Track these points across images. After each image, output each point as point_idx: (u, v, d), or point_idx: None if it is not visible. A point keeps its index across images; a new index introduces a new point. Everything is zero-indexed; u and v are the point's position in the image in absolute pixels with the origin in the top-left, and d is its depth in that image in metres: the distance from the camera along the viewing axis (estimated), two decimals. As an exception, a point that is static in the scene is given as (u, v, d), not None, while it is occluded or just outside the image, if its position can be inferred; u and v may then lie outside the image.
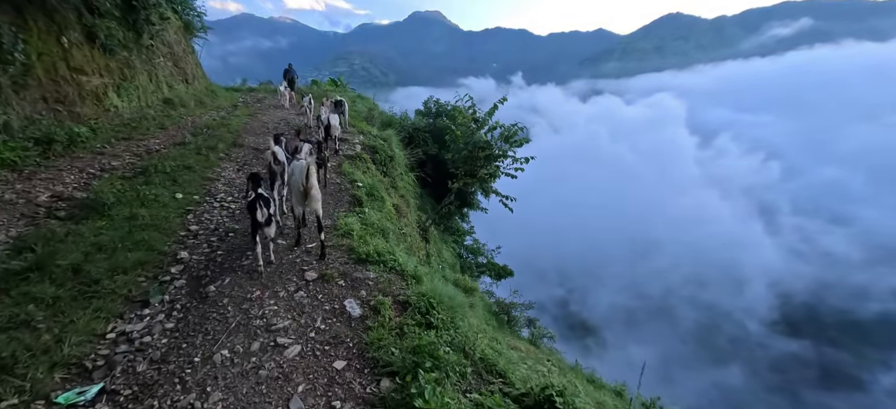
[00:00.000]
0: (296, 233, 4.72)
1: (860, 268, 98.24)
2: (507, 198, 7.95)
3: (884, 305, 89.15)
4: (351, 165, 7.36)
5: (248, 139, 8.90)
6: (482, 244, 16.15)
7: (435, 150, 14.06)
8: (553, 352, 9.79)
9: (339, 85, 20.52)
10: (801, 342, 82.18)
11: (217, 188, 5.93)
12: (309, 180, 3.93)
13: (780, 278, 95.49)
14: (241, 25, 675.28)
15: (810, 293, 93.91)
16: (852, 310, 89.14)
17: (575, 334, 71.24)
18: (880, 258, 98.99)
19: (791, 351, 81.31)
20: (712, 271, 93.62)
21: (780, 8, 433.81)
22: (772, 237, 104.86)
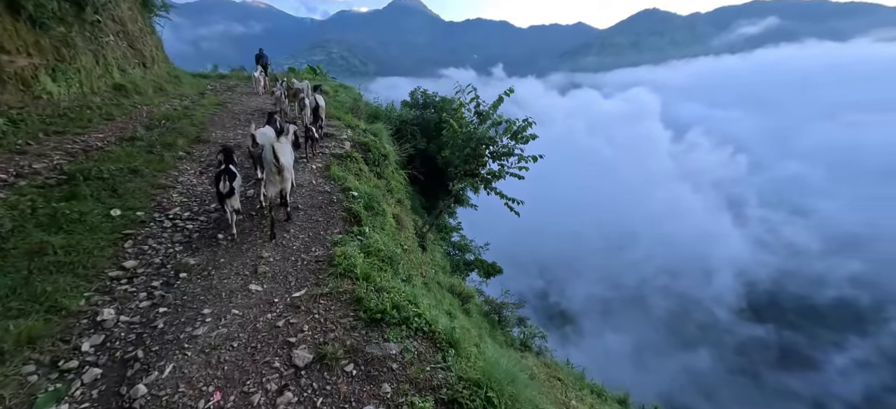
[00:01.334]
0: (270, 220, 4.34)
1: (818, 257, 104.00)
2: (513, 201, 7.17)
3: (839, 291, 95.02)
4: (341, 167, 6.27)
5: (214, 133, 7.63)
6: (469, 241, 15.55)
7: (423, 144, 13.17)
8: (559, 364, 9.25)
9: (319, 73, 19.11)
10: (764, 326, 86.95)
11: (171, 200, 4.63)
12: (278, 160, 4.02)
13: (747, 267, 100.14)
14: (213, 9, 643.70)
15: (773, 282, 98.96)
16: (810, 296, 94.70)
17: (554, 324, 72.57)
18: (836, 248, 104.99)
19: (754, 336, 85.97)
20: (684, 262, 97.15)
21: (750, 7, 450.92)
22: (739, 229, 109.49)
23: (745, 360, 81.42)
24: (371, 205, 5.20)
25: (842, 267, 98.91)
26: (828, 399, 73.09)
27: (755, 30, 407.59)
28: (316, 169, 6.18)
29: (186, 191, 4.95)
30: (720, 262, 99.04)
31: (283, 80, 11.21)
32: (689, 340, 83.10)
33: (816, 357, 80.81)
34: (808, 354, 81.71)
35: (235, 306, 3.02)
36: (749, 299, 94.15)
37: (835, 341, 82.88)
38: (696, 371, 78.23)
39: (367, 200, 5.20)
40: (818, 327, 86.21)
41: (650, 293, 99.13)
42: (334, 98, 12.53)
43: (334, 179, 5.74)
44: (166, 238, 3.84)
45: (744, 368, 79.92)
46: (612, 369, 73.33)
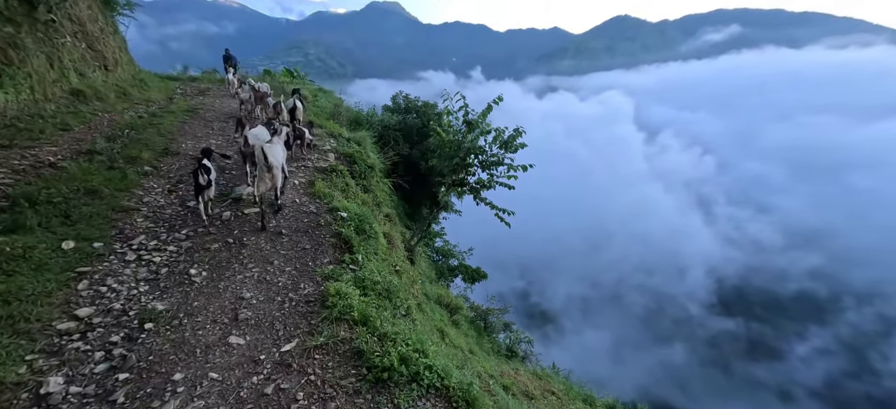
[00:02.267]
0: (260, 212, 4.73)
1: (781, 252, 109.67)
2: (503, 211, 6.95)
3: (800, 284, 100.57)
4: (326, 183, 5.83)
5: (185, 144, 6.98)
6: (453, 246, 15.31)
7: (407, 150, 12.83)
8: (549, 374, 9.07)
9: (296, 76, 18.38)
10: (733, 320, 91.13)
11: (135, 226, 4.01)
12: (267, 159, 4.43)
13: (716, 264, 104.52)
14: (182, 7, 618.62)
15: (740, 277, 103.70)
16: (774, 290, 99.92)
17: (535, 324, 73.43)
18: (797, 243, 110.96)
19: (725, 329, 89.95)
20: (659, 260, 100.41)
21: (714, 15, 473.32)
22: (709, 227, 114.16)
23: (716, 352, 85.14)
24: (362, 227, 4.74)
25: (802, 261, 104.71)
26: (792, 387, 77.22)
27: (719, 37, 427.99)
28: (299, 185, 5.69)
29: (153, 214, 4.36)
30: (692, 259, 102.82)
31: (250, 81, 10.68)
32: (664, 334, 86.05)
33: (781, 347, 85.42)
34: (773, 345, 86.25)
35: (213, 366, 2.52)
36: (719, 294, 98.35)
37: (797, 331, 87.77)
38: (671, 365, 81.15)
39: (357, 222, 4.76)
40: (782, 319, 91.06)
41: (627, 291, 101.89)
42: (314, 103, 11.97)
43: (320, 197, 5.30)
44: (129, 276, 3.23)
45: (715, 360, 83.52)
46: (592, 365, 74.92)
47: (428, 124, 14.02)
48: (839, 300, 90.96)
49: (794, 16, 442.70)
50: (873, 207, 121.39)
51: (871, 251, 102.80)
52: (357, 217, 4.84)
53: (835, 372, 76.86)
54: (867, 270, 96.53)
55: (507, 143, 6.82)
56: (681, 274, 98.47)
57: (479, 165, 7.17)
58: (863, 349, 79.72)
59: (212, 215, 4.57)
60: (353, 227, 4.64)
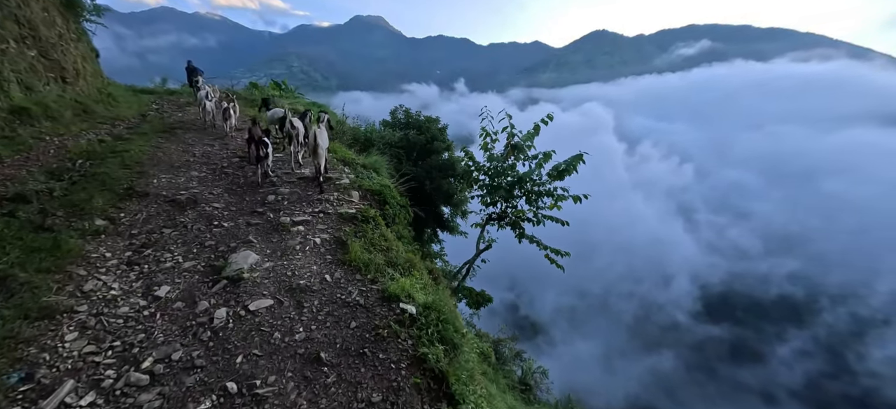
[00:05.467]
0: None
1: (761, 258, 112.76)
2: (556, 252, 5.87)
3: (780, 288, 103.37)
4: (361, 240, 4.22)
5: (158, 179, 5.48)
6: (454, 267, 14.15)
7: (410, 168, 11.70)
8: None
9: (285, 89, 17.10)
10: (717, 326, 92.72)
11: (62, 343, 2.48)
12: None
13: (700, 271, 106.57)
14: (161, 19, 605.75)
15: (723, 283, 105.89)
16: (756, 294, 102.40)
17: (526, 335, 72.75)
18: (776, 249, 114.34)
19: (710, 334, 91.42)
20: (644, 268, 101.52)
21: (686, 30, 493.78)
22: (690, 234, 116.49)
23: (702, 357, 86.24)
24: (447, 335, 3.01)
25: (781, 266, 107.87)
26: (774, 389, 78.64)
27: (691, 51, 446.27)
28: (323, 245, 4.10)
29: (98, 320, 2.69)
30: (677, 267, 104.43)
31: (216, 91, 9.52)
32: (651, 342, 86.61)
33: (763, 350, 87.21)
34: (755, 348, 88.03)
35: None
36: (704, 301, 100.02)
37: (778, 333, 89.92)
38: (660, 371, 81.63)
39: (439, 328, 3.00)
40: (763, 323, 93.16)
41: (615, 300, 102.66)
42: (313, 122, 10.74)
43: (360, 270, 3.68)
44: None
45: (701, 365, 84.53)
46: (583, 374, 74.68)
47: (432, 141, 12.91)
48: (816, 302, 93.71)
49: (761, 31, 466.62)
50: (843, 210, 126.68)
51: (843, 253, 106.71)
52: (436, 316, 3.08)
53: (814, 373, 78.63)
54: (840, 271, 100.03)
55: (562, 172, 5.77)
56: (666, 282, 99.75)
57: (523, 197, 6.11)
58: (839, 349, 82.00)
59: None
60: (434, 334, 2.93)
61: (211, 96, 10.02)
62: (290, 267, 3.60)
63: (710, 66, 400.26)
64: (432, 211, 13.26)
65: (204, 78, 11.94)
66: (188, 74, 12.51)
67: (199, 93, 10.18)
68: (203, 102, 9.63)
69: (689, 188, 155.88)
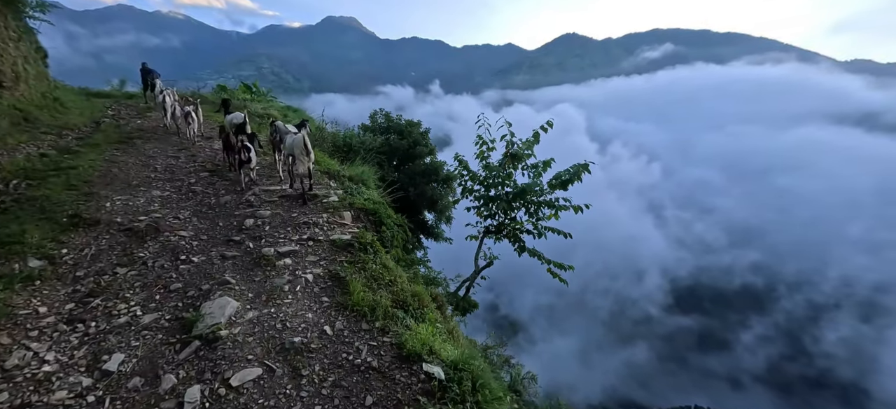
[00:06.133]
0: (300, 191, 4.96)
1: (724, 250, 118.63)
2: (560, 266, 5.51)
3: (743, 278, 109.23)
4: (360, 275, 3.56)
5: (112, 202, 4.72)
6: (438, 273, 13.67)
7: (392, 175, 11.19)
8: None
9: (256, 91, 15.99)
10: (687, 317, 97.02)
11: None
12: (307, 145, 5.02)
13: (669, 265, 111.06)
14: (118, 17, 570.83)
15: (692, 276, 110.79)
16: (720, 285, 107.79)
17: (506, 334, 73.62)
18: (738, 241, 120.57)
19: (680, 325, 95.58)
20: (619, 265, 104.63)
21: (650, 34, 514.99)
22: (660, 230, 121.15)
23: (673, 348, 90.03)
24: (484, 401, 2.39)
25: (743, 257, 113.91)
26: (739, 374, 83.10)
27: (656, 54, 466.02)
28: (317, 283, 3.45)
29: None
30: (648, 262, 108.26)
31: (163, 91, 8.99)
32: (626, 335, 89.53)
33: (728, 338, 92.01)
34: (722, 336, 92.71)
35: None
36: (674, 294, 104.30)
37: (741, 321, 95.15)
38: (634, 364, 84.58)
39: (476, 398, 2.38)
40: (728, 312, 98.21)
41: (591, 297, 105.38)
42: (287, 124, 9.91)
43: (364, 314, 3.04)
44: None
45: (672, 355, 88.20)
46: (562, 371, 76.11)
47: (414, 146, 12.42)
48: (774, 290, 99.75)
49: (719, 35, 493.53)
50: (796, 204, 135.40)
51: (797, 244, 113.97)
52: (470, 379, 2.48)
53: (775, 357, 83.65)
54: (795, 261, 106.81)
55: (566, 183, 5.38)
56: (639, 277, 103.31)
57: (523, 208, 5.67)
58: (797, 334, 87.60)
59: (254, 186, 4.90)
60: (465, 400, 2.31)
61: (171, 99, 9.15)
62: (279, 316, 2.92)
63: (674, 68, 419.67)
64: (416, 217, 12.72)
65: (162, 81, 10.91)
66: (143, 76, 11.41)
67: (161, 96, 9.28)
68: (165, 102, 8.81)
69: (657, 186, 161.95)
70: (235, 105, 10.68)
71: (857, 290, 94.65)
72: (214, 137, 8.36)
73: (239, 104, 12.21)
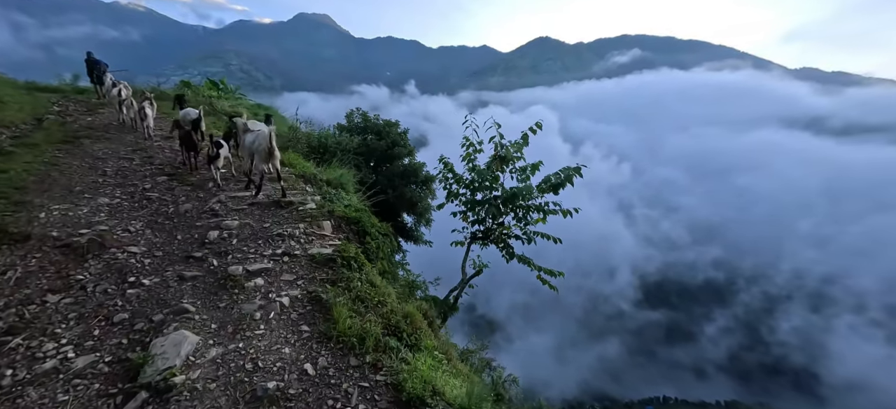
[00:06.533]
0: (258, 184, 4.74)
1: (689, 247, 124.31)
2: (550, 273, 5.30)
3: (706, 273, 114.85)
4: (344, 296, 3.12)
5: (48, 212, 4.09)
6: (417, 276, 13.36)
7: (370, 176, 10.83)
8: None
9: (223, 88, 14.97)
10: (655, 311, 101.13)
11: None
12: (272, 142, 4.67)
13: (638, 262, 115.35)
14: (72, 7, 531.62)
15: (659, 272, 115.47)
16: (685, 280, 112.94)
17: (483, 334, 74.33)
18: (701, 238, 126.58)
19: (649, 320, 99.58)
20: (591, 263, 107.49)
21: (619, 40, 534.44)
22: (630, 228, 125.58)
23: (643, 341, 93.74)
24: None
25: (706, 254, 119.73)
26: (704, 364, 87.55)
27: (625, 59, 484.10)
28: (293, 307, 2.99)
29: None
30: (619, 259, 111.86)
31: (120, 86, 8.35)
32: (599, 331, 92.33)
33: (693, 330, 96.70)
34: (687, 329, 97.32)
35: None
36: (643, 290, 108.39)
37: (705, 314, 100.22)
38: (607, 358, 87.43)
39: None
40: (693, 305, 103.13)
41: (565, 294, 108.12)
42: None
43: (352, 345, 2.61)
44: None
45: (642, 349, 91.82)
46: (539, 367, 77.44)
47: (393, 146, 12.06)
48: (734, 284, 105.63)
49: (682, 42, 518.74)
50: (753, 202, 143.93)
51: (754, 240, 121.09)
52: None
53: (735, 347, 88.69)
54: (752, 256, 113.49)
55: (556, 186, 5.15)
56: (611, 274, 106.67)
57: (511, 213, 5.41)
58: (754, 324, 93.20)
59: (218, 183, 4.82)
60: None
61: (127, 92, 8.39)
62: (249, 353, 2.44)
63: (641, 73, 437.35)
64: (395, 220, 12.31)
65: (112, 73, 10.00)
66: (89, 68, 10.43)
67: (115, 89, 8.45)
68: (119, 96, 8.17)
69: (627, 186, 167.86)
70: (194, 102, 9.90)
71: (807, 282, 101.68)
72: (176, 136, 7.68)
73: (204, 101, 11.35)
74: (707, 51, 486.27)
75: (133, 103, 8.16)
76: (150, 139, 7.53)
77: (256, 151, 4.98)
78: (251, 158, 5.22)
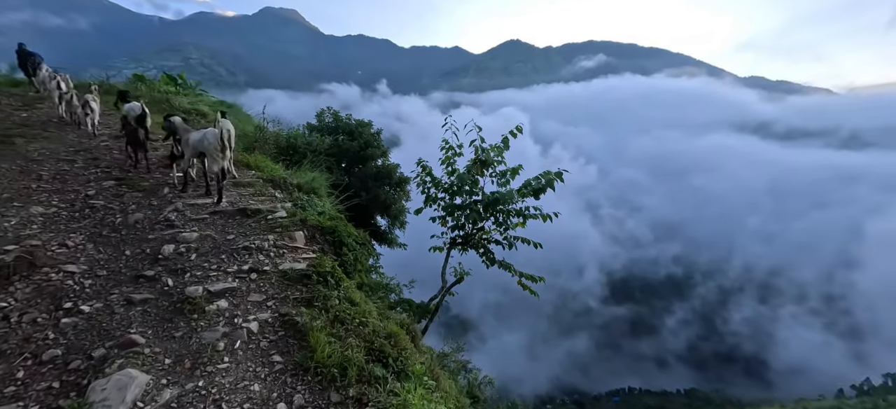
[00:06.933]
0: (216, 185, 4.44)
1: (651, 244, 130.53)
2: (531, 278, 5.23)
3: (667, 269, 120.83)
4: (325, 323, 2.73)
5: None
6: (390, 279, 13.15)
7: (342, 178, 10.50)
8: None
9: (182, 83, 13.89)
10: (621, 306, 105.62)
11: None
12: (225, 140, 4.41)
13: (605, 260, 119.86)
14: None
15: (625, 269, 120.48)
16: (648, 276, 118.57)
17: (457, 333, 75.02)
18: (662, 236, 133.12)
19: (615, 315, 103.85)
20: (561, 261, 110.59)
21: (586, 45, 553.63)
22: (597, 227, 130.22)
23: (609, 336, 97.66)
24: None
25: (667, 250, 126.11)
26: (665, 354, 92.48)
27: (591, 64, 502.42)
28: (262, 334, 2.62)
29: None
30: (587, 258, 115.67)
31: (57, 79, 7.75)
32: (568, 327, 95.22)
33: (655, 323, 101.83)
34: (650, 322, 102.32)
35: None
36: (610, 286, 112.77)
37: (666, 308, 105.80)
38: (576, 353, 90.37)
39: None
40: (655, 300, 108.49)
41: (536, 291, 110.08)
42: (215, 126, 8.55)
43: (332, 377, 2.30)
44: None
45: (608, 342, 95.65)
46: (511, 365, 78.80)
47: (366, 147, 11.75)
48: (692, 278, 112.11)
49: (644, 49, 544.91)
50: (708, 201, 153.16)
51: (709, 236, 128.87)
52: None
53: (693, 338, 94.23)
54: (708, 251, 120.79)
55: (538, 191, 5.07)
56: (579, 272, 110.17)
57: (491, 218, 5.30)
58: (710, 316, 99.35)
59: None
60: None
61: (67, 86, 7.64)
62: (211, 393, 2.08)
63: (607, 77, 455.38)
64: (368, 223, 11.97)
65: (47, 67, 9.10)
66: (20, 60, 9.48)
67: (54, 82, 7.67)
68: (59, 89, 7.50)
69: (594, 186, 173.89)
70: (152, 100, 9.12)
71: (755, 275, 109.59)
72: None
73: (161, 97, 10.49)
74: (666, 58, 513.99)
75: (75, 98, 7.38)
76: (95, 138, 6.83)
77: (207, 151, 4.61)
78: (194, 158, 4.88)
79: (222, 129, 4.55)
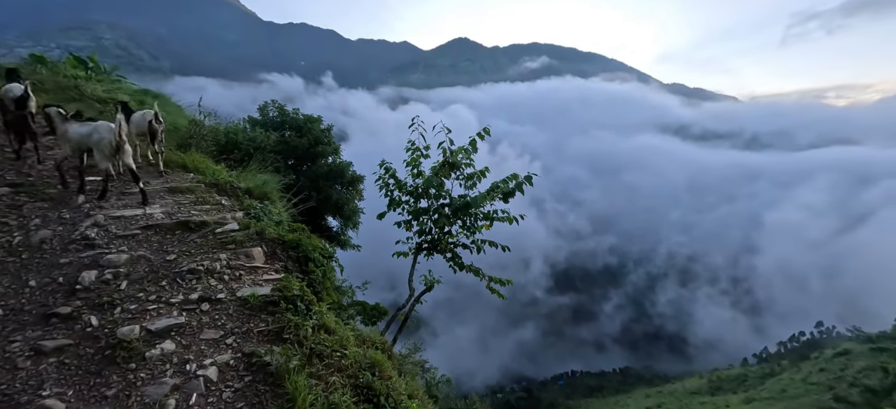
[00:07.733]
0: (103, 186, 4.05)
1: (590, 236, 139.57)
2: (498, 282, 5.17)
3: (604, 259, 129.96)
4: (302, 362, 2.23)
5: None
6: (343, 281, 12.70)
7: (291, 177, 9.82)
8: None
9: (95, 68, 11.86)
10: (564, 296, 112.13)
11: None
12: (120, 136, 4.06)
13: (549, 252, 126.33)
14: None
15: (567, 261, 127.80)
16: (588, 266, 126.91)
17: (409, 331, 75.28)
18: (599, 228, 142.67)
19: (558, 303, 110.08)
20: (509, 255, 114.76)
21: (530, 47, 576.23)
22: (541, 221, 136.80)
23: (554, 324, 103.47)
24: None
25: (604, 242, 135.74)
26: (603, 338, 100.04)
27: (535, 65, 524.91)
28: (224, 383, 2.09)
29: None
30: (533, 251, 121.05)
31: None
32: (517, 318, 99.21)
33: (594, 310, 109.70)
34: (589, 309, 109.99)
35: None
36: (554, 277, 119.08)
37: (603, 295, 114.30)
38: (524, 342, 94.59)
39: None
40: (594, 288, 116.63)
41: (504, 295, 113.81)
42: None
43: None
44: None
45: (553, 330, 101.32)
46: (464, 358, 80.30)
47: (316, 145, 11.05)
48: (625, 267, 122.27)
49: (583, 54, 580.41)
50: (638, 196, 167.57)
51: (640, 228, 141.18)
52: None
53: (626, 321, 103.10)
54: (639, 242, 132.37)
55: (507, 195, 4.99)
56: (526, 265, 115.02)
57: (459, 222, 5.15)
58: (640, 300, 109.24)
59: None
60: None
61: None
62: None
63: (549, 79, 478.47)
64: (319, 225, 11.32)
65: None
66: None
67: None
68: None
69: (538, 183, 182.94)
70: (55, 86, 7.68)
71: (677, 261, 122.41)
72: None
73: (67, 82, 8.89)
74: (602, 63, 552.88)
75: None
76: None
77: (97, 147, 4.05)
78: (74, 153, 4.27)
79: (119, 122, 4.05)
